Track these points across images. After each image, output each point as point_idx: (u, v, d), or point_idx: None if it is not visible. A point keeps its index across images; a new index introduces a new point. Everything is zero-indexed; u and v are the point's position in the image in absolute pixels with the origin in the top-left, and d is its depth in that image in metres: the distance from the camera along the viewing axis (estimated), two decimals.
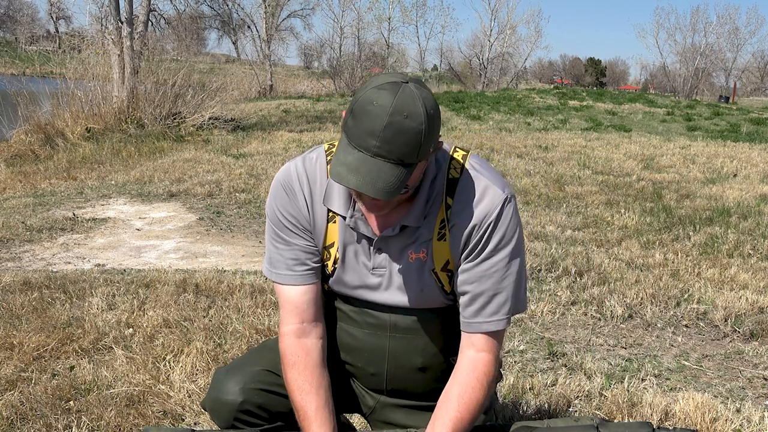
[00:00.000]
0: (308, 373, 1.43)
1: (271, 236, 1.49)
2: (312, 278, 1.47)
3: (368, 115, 1.19)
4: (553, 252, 4.40)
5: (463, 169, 1.40)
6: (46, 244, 4.67)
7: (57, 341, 2.82)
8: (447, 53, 49.06)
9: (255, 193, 6.38)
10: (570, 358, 2.85)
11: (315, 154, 1.47)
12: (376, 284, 1.46)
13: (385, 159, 1.20)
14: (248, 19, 37.47)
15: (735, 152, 10.22)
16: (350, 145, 1.22)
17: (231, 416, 1.49)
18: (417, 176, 1.30)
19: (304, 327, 1.46)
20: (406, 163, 1.22)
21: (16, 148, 9.46)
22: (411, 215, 1.38)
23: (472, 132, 12.40)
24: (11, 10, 60.50)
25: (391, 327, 1.49)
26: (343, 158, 1.22)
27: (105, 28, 12.22)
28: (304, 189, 1.44)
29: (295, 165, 1.46)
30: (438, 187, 1.39)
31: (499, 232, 1.37)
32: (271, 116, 15.36)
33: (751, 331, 3.19)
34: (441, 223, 1.39)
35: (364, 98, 1.21)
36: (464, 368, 1.41)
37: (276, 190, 1.47)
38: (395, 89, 1.20)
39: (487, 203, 1.37)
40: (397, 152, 1.20)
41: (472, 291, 1.39)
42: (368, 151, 1.20)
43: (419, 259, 1.41)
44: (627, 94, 29.84)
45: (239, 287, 3.57)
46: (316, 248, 1.46)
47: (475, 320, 1.40)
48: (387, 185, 1.20)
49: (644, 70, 76.52)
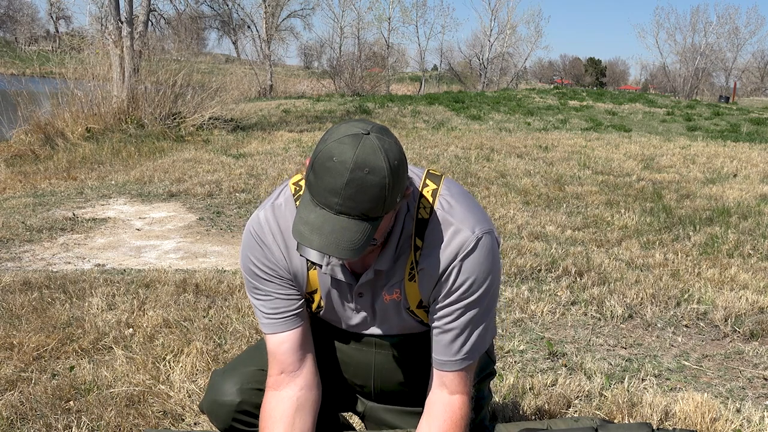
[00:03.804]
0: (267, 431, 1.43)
1: (250, 288, 1.47)
2: (292, 324, 1.45)
3: (328, 172, 1.14)
4: (553, 252, 4.40)
5: (432, 209, 1.35)
6: (46, 244, 4.67)
7: (57, 341, 2.82)
8: (447, 53, 49.04)
9: (255, 193, 6.38)
10: (570, 358, 2.85)
11: (282, 200, 1.41)
12: (360, 322, 1.48)
13: (348, 216, 1.16)
14: (248, 19, 37.50)
15: (735, 152, 10.22)
16: (312, 202, 1.18)
17: (229, 417, 1.50)
18: (384, 227, 1.27)
19: (282, 378, 1.45)
20: (371, 218, 1.17)
21: (16, 148, 9.46)
22: (382, 259, 1.35)
23: (472, 132, 12.39)
24: (11, 10, 60.48)
25: (376, 344, 1.52)
26: (305, 216, 1.18)
27: (105, 28, 12.22)
28: (278, 241, 1.39)
29: (265, 216, 1.40)
30: (407, 228, 1.35)
31: (467, 277, 1.33)
32: (271, 116, 15.36)
33: (751, 331, 3.19)
34: (411, 265, 1.36)
35: (324, 153, 1.15)
36: (439, 413, 1.39)
37: (249, 243, 1.42)
38: (356, 142, 1.15)
39: (455, 247, 1.32)
40: (361, 208, 1.15)
41: (442, 329, 1.39)
42: (331, 209, 1.16)
43: (394, 299, 1.41)
44: (627, 94, 29.82)
45: (239, 287, 3.57)
46: (299, 294, 1.45)
47: (446, 358, 1.39)
48: (351, 243, 1.16)
49: (644, 70, 76.59)
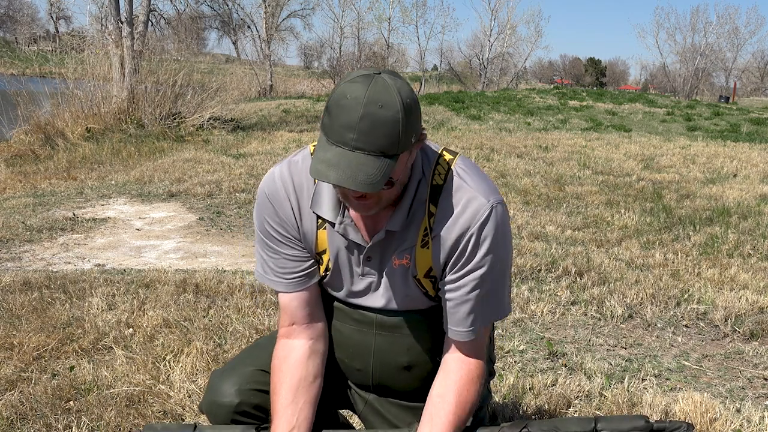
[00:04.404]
0: (281, 374, 1.46)
1: (260, 244, 1.49)
2: (301, 285, 1.47)
3: (342, 109, 1.17)
4: (553, 252, 4.40)
5: (447, 176, 1.37)
6: (46, 244, 4.68)
7: (57, 341, 2.82)
8: (447, 53, 49.07)
9: (255, 193, 6.37)
10: (570, 358, 2.85)
11: (300, 157, 1.44)
12: (363, 289, 1.47)
13: (364, 152, 1.18)
14: (248, 19, 37.55)
15: (735, 152, 10.22)
16: (329, 142, 1.20)
17: (228, 418, 1.50)
18: (402, 170, 1.28)
19: (293, 329, 1.49)
20: (387, 155, 1.19)
21: (16, 148, 9.46)
22: (394, 220, 1.36)
23: (472, 132, 12.40)
24: (11, 10, 60.50)
25: (377, 325, 1.50)
26: (322, 156, 1.20)
27: (105, 28, 12.23)
28: (290, 198, 1.42)
29: (280, 172, 1.43)
30: (422, 192, 1.37)
31: (483, 245, 1.35)
32: (271, 116, 15.36)
33: (751, 331, 3.19)
34: (424, 231, 1.37)
35: (337, 93, 1.19)
36: (455, 369, 1.41)
37: (262, 200, 1.45)
38: (368, 81, 1.19)
39: (470, 215, 1.34)
40: (376, 144, 1.18)
41: (458, 300, 1.39)
42: (346, 146, 1.18)
43: (403, 265, 1.41)
44: (627, 94, 29.84)
45: (239, 287, 3.57)
46: (308, 255, 1.46)
47: (461, 329, 1.41)
48: (368, 177, 1.18)
49: (644, 70, 76.60)
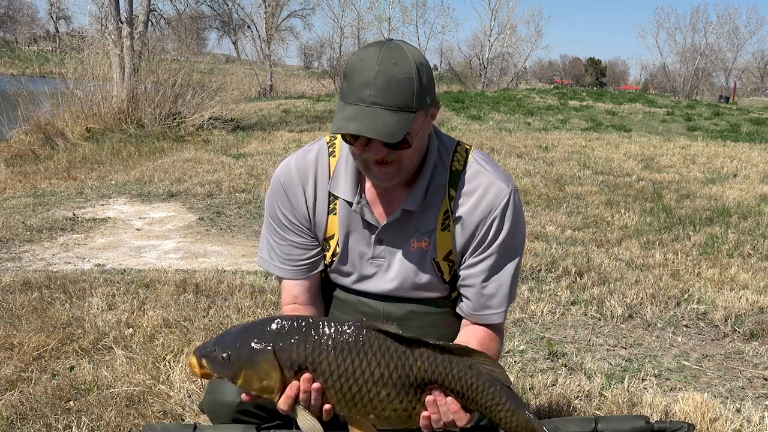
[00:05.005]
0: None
1: (269, 230, 1.52)
2: (305, 273, 1.50)
3: (358, 71, 1.24)
4: (553, 252, 4.40)
5: (466, 162, 1.43)
6: (46, 244, 4.67)
7: (57, 341, 2.82)
8: (447, 53, 49.11)
9: (255, 193, 6.38)
10: (570, 358, 2.85)
11: (316, 146, 1.50)
12: (372, 273, 1.48)
13: (381, 106, 1.23)
14: (248, 19, 37.53)
15: (735, 152, 10.22)
16: (347, 104, 1.25)
17: (230, 417, 1.50)
18: (419, 131, 1.31)
19: (295, 307, 1.53)
20: (403, 109, 1.24)
21: (16, 148, 9.46)
22: (410, 199, 1.40)
23: (472, 132, 12.40)
24: (11, 10, 60.50)
25: (384, 316, 1.51)
26: (341, 114, 1.25)
27: (105, 28, 12.22)
28: (304, 185, 1.46)
29: (295, 159, 1.49)
30: (440, 176, 1.41)
31: (505, 227, 1.40)
32: (271, 116, 15.36)
33: (751, 331, 3.19)
34: (444, 214, 1.42)
35: (352, 60, 1.28)
36: (478, 328, 1.46)
37: (275, 187, 1.50)
38: (380, 45, 1.27)
39: (492, 198, 1.40)
40: (393, 98, 1.23)
41: (479, 284, 1.43)
42: (364, 102, 1.23)
43: (421, 248, 1.44)
44: (627, 94, 29.85)
45: (239, 287, 3.57)
46: (315, 243, 1.49)
47: (483, 312, 1.45)
48: (387, 128, 1.22)
49: (644, 70, 76.61)
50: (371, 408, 1.18)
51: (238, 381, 1.17)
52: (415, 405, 1.20)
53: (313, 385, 1.15)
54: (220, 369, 1.16)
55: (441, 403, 1.18)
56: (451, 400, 1.19)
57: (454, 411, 1.19)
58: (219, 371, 1.17)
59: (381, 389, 1.17)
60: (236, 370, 1.16)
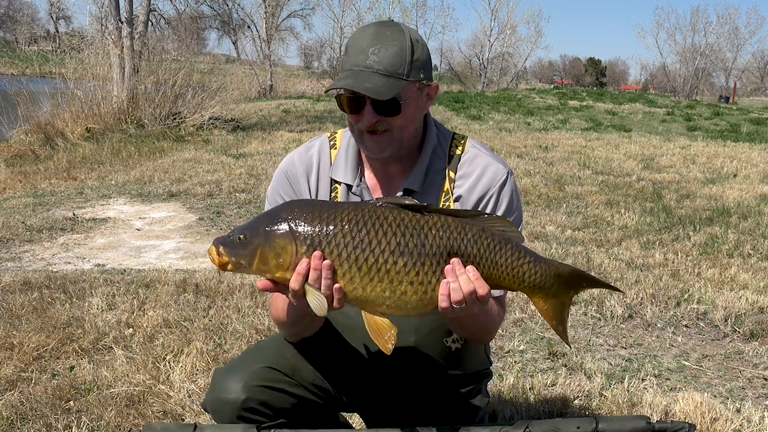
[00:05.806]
0: None
1: None
2: None
3: (356, 41, 1.37)
4: (553, 252, 4.40)
5: (464, 147, 1.52)
6: (46, 244, 4.67)
7: (57, 341, 2.82)
8: (447, 53, 49.12)
9: (255, 193, 6.38)
10: (570, 358, 2.85)
11: (318, 141, 1.58)
12: None
13: (373, 69, 1.33)
14: (248, 19, 37.52)
15: (735, 152, 10.22)
16: (343, 71, 1.37)
17: (234, 415, 1.48)
18: (410, 98, 1.38)
19: None
20: (393, 75, 1.33)
21: (16, 148, 9.46)
22: (411, 178, 1.48)
23: (472, 132, 12.40)
24: (11, 10, 60.50)
25: None
26: (336, 80, 1.37)
27: (105, 28, 12.22)
28: (308, 173, 1.53)
29: (298, 153, 1.57)
30: (439, 160, 1.50)
31: (503, 205, 1.48)
32: (271, 116, 15.36)
33: (751, 331, 3.19)
34: (445, 195, 1.49)
35: (351, 37, 1.40)
36: None
37: (279, 178, 1.56)
38: (377, 21, 1.41)
39: (490, 177, 1.48)
40: (385, 63, 1.33)
41: None
42: (357, 66, 1.34)
43: None
44: (627, 94, 29.86)
45: (239, 287, 3.57)
46: None
47: None
48: (374, 86, 1.32)
49: (644, 70, 76.63)
50: (387, 283, 1.18)
51: (254, 261, 1.20)
52: (431, 279, 1.20)
53: (324, 262, 1.18)
54: (238, 251, 1.20)
55: (460, 271, 1.20)
56: (471, 268, 1.21)
57: (476, 278, 1.20)
58: (236, 254, 1.20)
59: (398, 258, 1.18)
60: (253, 249, 1.19)
